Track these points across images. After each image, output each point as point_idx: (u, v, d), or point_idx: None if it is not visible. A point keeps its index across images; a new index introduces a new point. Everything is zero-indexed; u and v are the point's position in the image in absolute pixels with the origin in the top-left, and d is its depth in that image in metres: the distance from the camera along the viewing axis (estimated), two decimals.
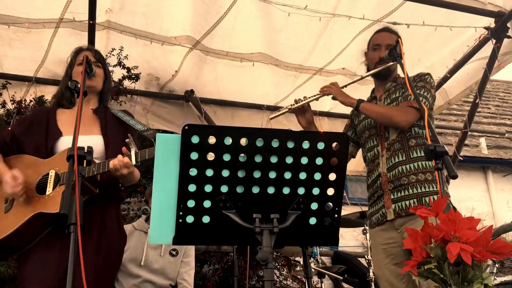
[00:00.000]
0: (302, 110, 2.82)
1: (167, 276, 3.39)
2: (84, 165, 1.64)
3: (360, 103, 2.64)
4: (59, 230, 2.14)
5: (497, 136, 9.40)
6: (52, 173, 2.22)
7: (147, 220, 3.55)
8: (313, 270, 4.22)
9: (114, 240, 2.34)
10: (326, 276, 4.42)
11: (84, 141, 1.75)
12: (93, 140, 2.26)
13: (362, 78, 2.77)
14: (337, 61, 4.19)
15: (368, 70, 2.82)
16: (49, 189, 2.18)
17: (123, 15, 3.77)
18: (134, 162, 2.13)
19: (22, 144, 2.37)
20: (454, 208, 2.49)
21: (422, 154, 2.52)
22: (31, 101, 4.18)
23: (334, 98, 2.73)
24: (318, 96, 2.76)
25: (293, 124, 4.90)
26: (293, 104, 2.78)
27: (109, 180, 2.30)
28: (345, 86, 2.76)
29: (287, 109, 2.79)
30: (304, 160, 1.53)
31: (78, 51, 2.56)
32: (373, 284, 4.04)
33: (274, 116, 2.85)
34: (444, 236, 1.33)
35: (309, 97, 2.76)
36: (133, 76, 4.27)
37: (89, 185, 2.21)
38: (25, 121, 2.51)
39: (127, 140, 2.16)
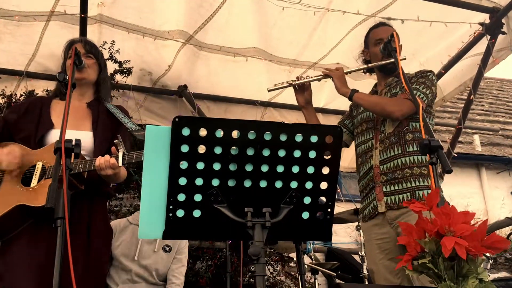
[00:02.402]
0: (301, 89, 2.80)
1: (158, 272, 3.36)
2: (72, 158, 1.60)
3: (354, 93, 2.61)
4: (44, 224, 2.12)
5: (491, 133, 9.43)
6: (39, 165, 2.19)
7: None
8: (306, 266, 4.21)
9: (101, 236, 2.32)
10: (320, 272, 4.41)
11: (73, 136, 1.72)
12: (82, 136, 2.23)
13: (368, 67, 2.74)
14: (331, 56, 4.16)
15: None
16: (33, 182, 2.16)
17: (116, 8, 3.72)
18: (120, 164, 2.11)
19: (12, 132, 2.35)
20: (448, 204, 2.48)
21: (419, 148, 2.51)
22: (21, 95, 4.13)
23: (333, 81, 2.70)
24: (320, 77, 2.75)
25: (286, 120, 4.87)
26: (294, 80, 2.75)
27: (98, 176, 2.27)
28: (349, 72, 2.74)
29: (287, 84, 2.76)
30: (297, 153, 1.50)
31: (70, 43, 2.51)
32: (366, 280, 4.03)
33: (272, 89, 2.80)
34: (439, 230, 1.31)
35: (311, 77, 2.74)
36: (125, 71, 4.23)
37: (74, 181, 2.18)
38: (18, 109, 2.47)
39: (115, 141, 2.13)
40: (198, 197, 1.47)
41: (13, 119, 2.37)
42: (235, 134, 1.45)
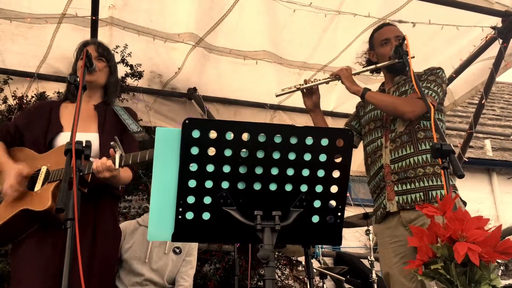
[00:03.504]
0: (309, 92, 2.78)
1: (168, 274, 3.36)
2: (82, 159, 1.60)
3: (366, 91, 2.59)
4: (50, 227, 2.13)
5: (502, 138, 9.34)
6: (43, 169, 2.20)
7: None
8: (315, 270, 4.18)
9: (108, 238, 2.31)
10: (328, 276, 4.39)
11: (80, 138, 1.71)
12: (89, 138, 2.22)
13: (376, 67, 2.71)
14: (341, 58, 4.15)
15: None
16: (37, 186, 2.17)
17: (126, 11, 3.75)
18: (117, 166, 2.10)
19: (23, 136, 2.37)
20: (465, 203, 2.43)
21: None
22: (32, 97, 4.16)
23: (341, 82, 2.67)
24: (328, 79, 2.72)
25: (296, 123, 4.86)
26: (302, 84, 2.74)
27: (89, 180, 2.28)
28: (358, 73, 2.72)
29: (295, 88, 2.74)
30: (307, 157, 1.49)
31: (84, 44, 2.53)
32: (376, 285, 4.00)
33: (280, 94, 2.79)
34: (451, 236, 1.29)
35: (319, 80, 2.72)
36: (136, 74, 4.25)
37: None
38: (28, 113, 2.50)
39: (112, 143, 2.12)
40: (207, 200, 1.46)
41: (23, 124, 2.40)
42: (245, 136, 1.44)
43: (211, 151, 1.44)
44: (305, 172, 1.49)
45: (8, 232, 2.17)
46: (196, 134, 1.42)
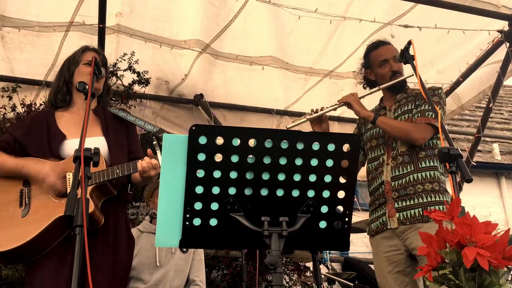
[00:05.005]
0: (319, 121, 2.80)
1: (181, 272, 3.38)
2: (91, 166, 1.61)
3: (377, 117, 2.61)
4: (71, 239, 2.12)
5: (511, 141, 9.27)
6: (69, 176, 2.17)
7: (152, 221, 3.53)
8: (323, 276, 4.17)
9: (124, 244, 2.32)
10: (336, 282, 4.37)
11: (88, 142, 1.72)
12: (96, 142, 2.24)
13: (380, 89, 2.73)
14: (347, 64, 4.15)
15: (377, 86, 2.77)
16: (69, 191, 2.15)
17: (133, 18, 3.77)
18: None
19: (24, 146, 2.31)
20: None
21: (431, 164, 2.54)
22: (41, 104, 4.18)
23: (349, 107, 2.71)
24: (336, 106, 2.75)
25: (302, 128, 4.85)
26: (311, 114, 2.75)
27: (117, 182, 2.28)
28: (363, 96, 2.73)
29: (305, 119, 2.75)
30: (314, 162, 1.49)
31: (84, 49, 2.51)
32: None
33: (292, 126, 2.82)
34: (460, 241, 1.28)
35: (327, 107, 2.74)
36: (143, 81, 4.27)
37: (110, 187, 2.21)
38: (24, 124, 2.47)
39: (154, 142, 2.22)
40: (214, 206, 1.46)
41: (22, 134, 2.34)
42: (251, 142, 1.44)
43: (218, 157, 1.44)
44: (312, 178, 1.49)
45: (40, 244, 2.09)
46: (203, 140, 1.42)
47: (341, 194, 1.53)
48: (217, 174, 1.45)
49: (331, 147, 1.49)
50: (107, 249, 2.19)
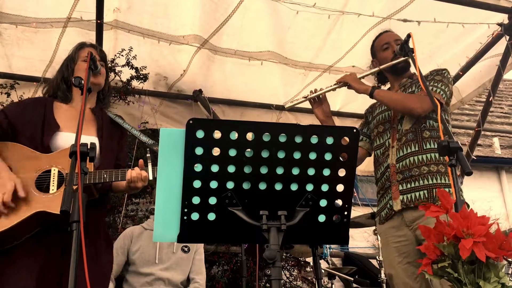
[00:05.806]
0: (318, 102, 2.78)
1: (180, 272, 3.39)
2: (87, 161, 1.60)
3: (374, 90, 2.61)
4: (44, 235, 2.09)
5: (511, 136, 9.26)
6: (55, 171, 2.14)
7: None
8: (323, 271, 4.17)
9: (103, 245, 2.31)
10: (337, 277, 4.37)
11: (81, 140, 1.70)
12: (88, 140, 2.21)
13: (380, 69, 2.72)
14: (346, 59, 4.13)
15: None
16: (52, 188, 2.10)
17: (131, 14, 3.75)
18: (151, 177, 2.19)
19: (16, 131, 2.24)
20: (468, 205, 2.43)
21: (436, 146, 2.47)
22: None
23: (349, 87, 2.70)
24: (335, 86, 2.74)
25: (301, 123, 4.85)
26: (309, 94, 2.74)
27: (109, 186, 2.30)
28: (362, 77, 2.73)
29: (303, 99, 2.75)
30: (313, 156, 1.48)
31: (81, 46, 2.50)
32: (384, 285, 3.98)
33: (290, 106, 2.80)
34: (456, 234, 1.28)
35: (326, 88, 2.73)
36: (141, 77, 4.25)
37: (94, 189, 2.19)
38: (19, 105, 2.42)
39: (147, 155, 2.22)
40: (213, 200, 1.46)
41: (16, 116, 2.26)
42: (249, 136, 1.44)
43: (216, 151, 1.43)
44: (311, 171, 1.49)
45: (11, 235, 2.05)
46: (200, 134, 1.42)
47: (340, 187, 1.52)
48: (215, 168, 1.44)
49: (329, 140, 1.48)
50: (87, 250, 2.16)
